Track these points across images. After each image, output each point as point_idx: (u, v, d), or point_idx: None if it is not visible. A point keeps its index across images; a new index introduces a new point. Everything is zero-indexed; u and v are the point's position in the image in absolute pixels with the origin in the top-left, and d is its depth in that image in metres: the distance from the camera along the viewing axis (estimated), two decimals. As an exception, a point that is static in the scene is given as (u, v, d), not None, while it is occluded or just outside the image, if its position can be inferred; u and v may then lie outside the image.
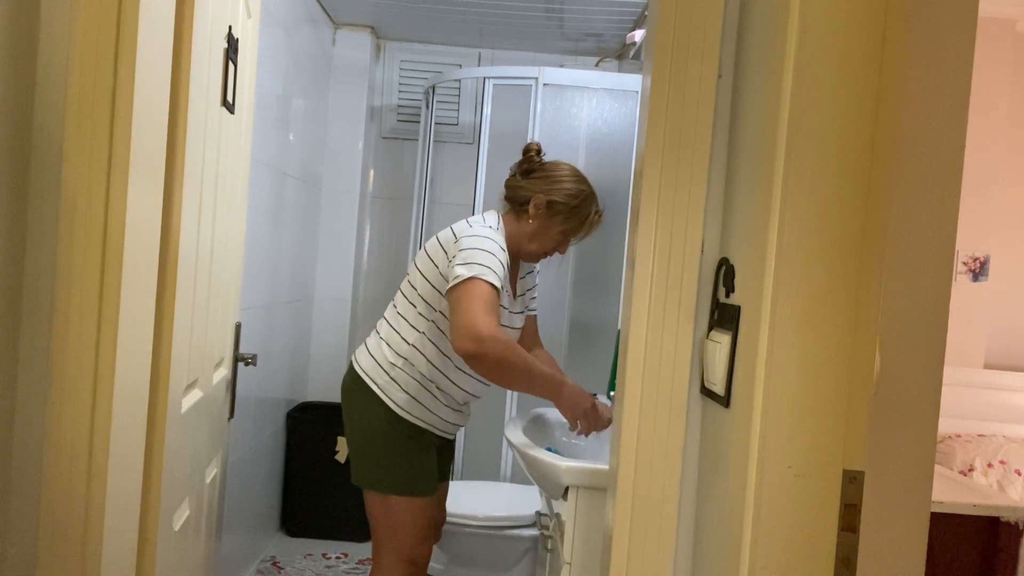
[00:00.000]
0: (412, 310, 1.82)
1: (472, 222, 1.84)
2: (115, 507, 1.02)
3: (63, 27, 0.95)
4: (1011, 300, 3.55)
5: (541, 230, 1.88)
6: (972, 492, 1.67)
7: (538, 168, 1.91)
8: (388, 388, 1.80)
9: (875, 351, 0.83)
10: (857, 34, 0.87)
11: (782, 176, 0.88)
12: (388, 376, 1.81)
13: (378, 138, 3.75)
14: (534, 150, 1.94)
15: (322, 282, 3.56)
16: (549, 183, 1.87)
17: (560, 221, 1.88)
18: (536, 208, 1.86)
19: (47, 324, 0.96)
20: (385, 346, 1.83)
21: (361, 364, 1.85)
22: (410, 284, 1.85)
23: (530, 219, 1.87)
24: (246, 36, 1.58)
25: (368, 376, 1.82)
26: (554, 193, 1.86)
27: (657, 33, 1.14)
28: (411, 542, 1.84)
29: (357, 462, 1.86)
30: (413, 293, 1.83)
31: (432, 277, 1.79)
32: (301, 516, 3.21)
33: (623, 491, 1.16)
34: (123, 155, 0.97)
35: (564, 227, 1.89)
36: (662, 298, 1.15)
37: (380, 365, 1.82)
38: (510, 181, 1.94)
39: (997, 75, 3.37)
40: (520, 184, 1.89)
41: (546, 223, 1.87)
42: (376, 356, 1.84)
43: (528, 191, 1.87)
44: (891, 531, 0.84)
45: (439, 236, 1.85)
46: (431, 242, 1.86)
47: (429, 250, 1.83)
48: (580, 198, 1.90)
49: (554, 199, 1.86)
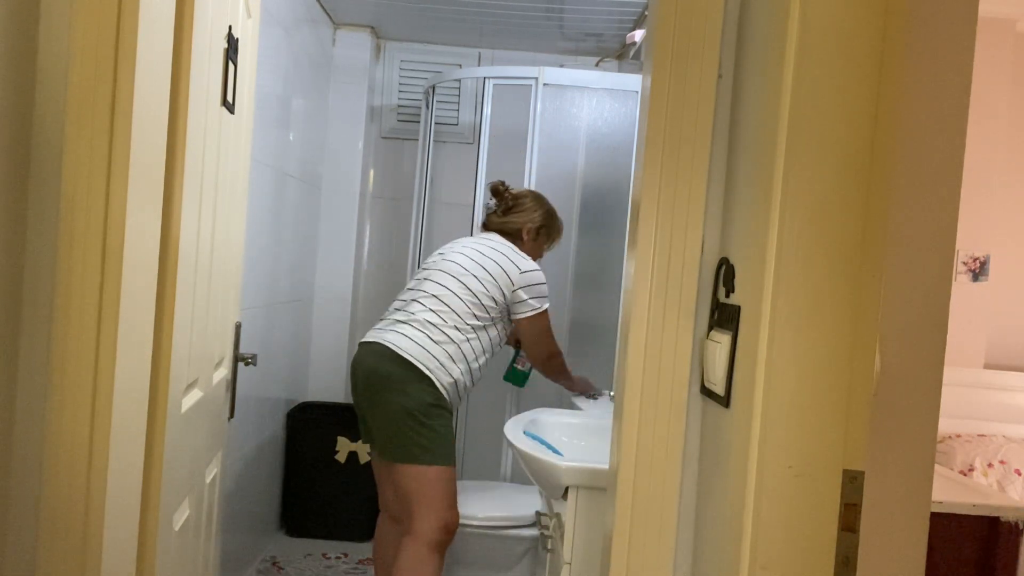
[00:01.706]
0: (466, 310, 2.19)
1: (517, 252, 2.30)
2: (115, 507, 1.02)
3: (63, 27, 0.95)
4: (1011, 300, 3.55)
5: (534, 249, 2.41)
6: (972, 492, 1.67)
7: (512, 203, 2.42)
8: (438, 372, 2.12)
9: (875, 351, 0.83)
10: (857, 34, 0.87)
11: (782, 176, 0.88)
12: (438, 361, 2.13)
13: (378, 138, 3.75)
14: (503, 189, 2.43)
15: (322, 282, 3.56)
16: (528, 212, 2.40)
17: (545, 238, 2.44)
18: (528, 234, 2.39)
19: (47, 324, 0.96)
20: (438, 334, 2.16)
21: (406, 349, 2.12)
22: (468, 289, 2.20)
23: (524, 243, 2.38)
24: (246, 36, 1.58)
25: (418, 360, 2.11)
26: (535, 220, 2.40)
27: (657, 33, 1.14)
28: (449, 509, 2.14)
29: (399, 440, 2.11)
30: (471, 297, 2.20)
31: (494, 291, 2.22)
32: (301, 516, 3.20)
33: (623, 491, 1.16)
34: (123, 155, 0.97)
35: (548, 241, 2.47)
36: (662, 298, 1.15)
37: (430, 352, 2.13)
38: (495, 219, 2.42)
39: (997, 75, 3.37)
40: (505, 219, 2.40)
41: (536, 243, 2.42)
42: (424, 344, 2.14)
43: (515, 224, 2.39)
44: (891, 531, 0.84)
45: (499, 262, 2.25)
46: (489, 262, 2.25)
47: (490, 269, 2.24)
48: (552, 216, 2.46)
49: (539, 225, 2.41)
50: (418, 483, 2.09)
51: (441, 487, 2.11)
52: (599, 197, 3.24)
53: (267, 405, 2.92)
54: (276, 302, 2.91)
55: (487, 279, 2.22)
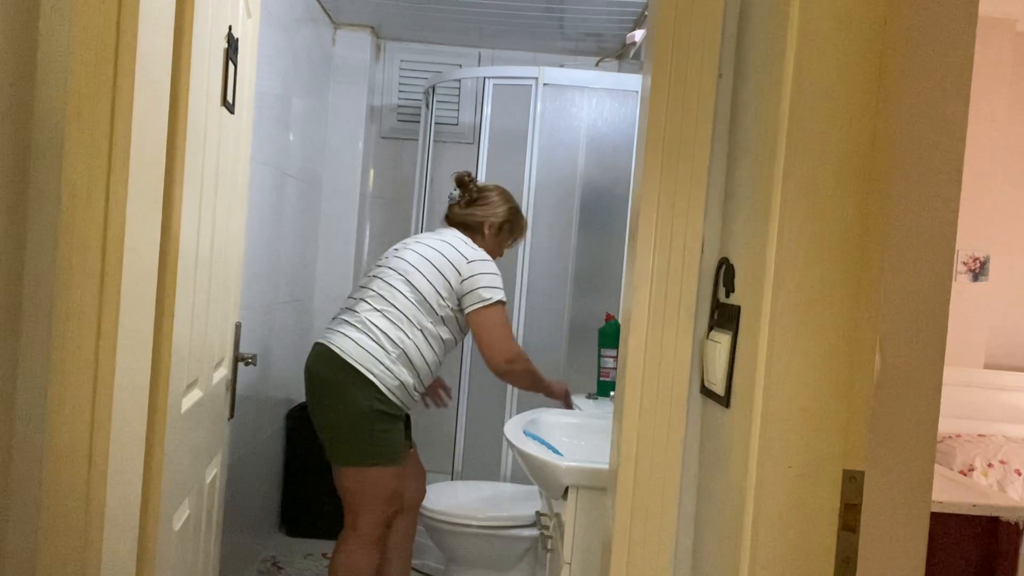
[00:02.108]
0: (414, 310, 2.13)
1: (467, 243, 2.23)
2: (115, 507, 1.02)
3: (63, 27, 0.95)
4: (1011, 300, 3.55)
5: (495, 245, 2.34)
6: (972, 492, 1.67)
7: (477, 195, 2.34)
8: (383, 376, 2.08)
9: (875, 351, 0.83)
10: (857, 34, 0.87)
11: (782, 176, 0.88)
12: (383, 365, 2.08)
13: (378, 138, 3.75)
14: (468, 180, 2.36)
15: (322, 282, 3.55)
16: (492, 206, 2.33)
17: (507, 235, 2.37)
18: (490, 229, 2.32)
19: (47, 324, 0.96)
20: (382, 337, 2.10)
21: (350, 353, 2.09)
22: (413, 287, 2.14)
23: (484, 239, 2.31)
24: (246, 36, 1.58)
25: (360, 364, 2.07)
26: (499, 215, 2.32)
27: (657, 33, 1.14)
28: (389, 507, 2.16)
29: (342, 443, 2.12)
30: (416, 295, 2.14)
31: (440, 287, 2.15)
32: (301, 516, 3.20)
33: (623, 491, 1.16)
34: (123, 155, 0.97)
35: (510, 239, 2.39)
36: (662, 298, 1.15)
37: (374, 355, 2.09)
38: (457, 210, 2.34)
39: (997, 75, 3.37)
40: (468, 212, 2.33)
41: (497, 239, 2.34)
42: (368, 348, 2.09)
43: (477, 217, 2.31)
44: (891, 531, 0.84)
45: (445, 253, 2.19)
46: (431, 254, 2.19)
47: (435, 262, 2.17)
48: (516, 213, 2.38)
49: (502, 220, 2.33)
50: (360, 484, 2.12)
51: (390, 486, 2.14)
52: (599, 197, 3.24)
53: (267, 405, 2.91)
54: (276, 302, 2.91)
55: (433, 274, 2.15)
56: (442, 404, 2.55)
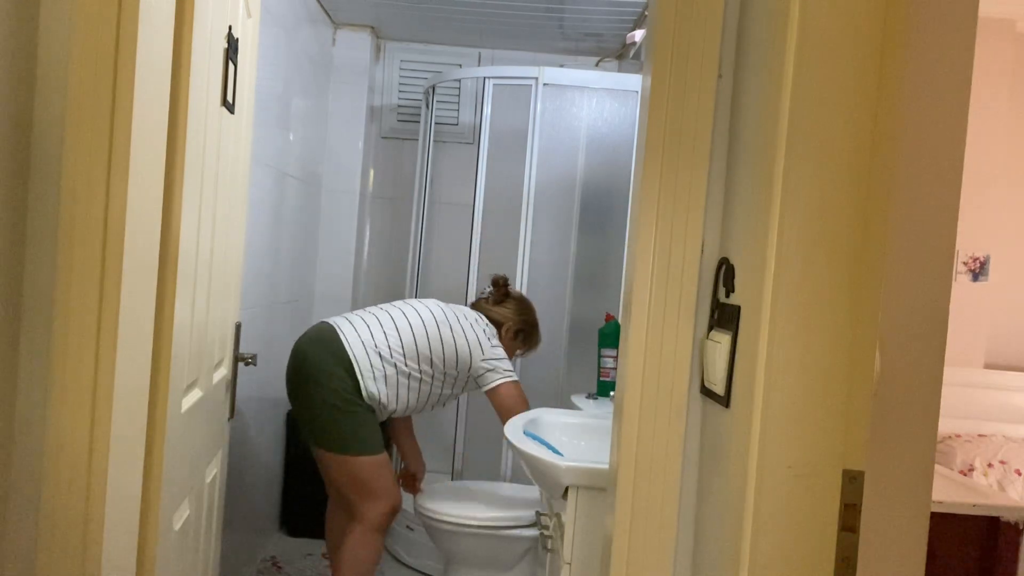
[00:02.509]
0: (416, 353, 2.28)
1: (490, 335, 2.40)
2: (115, 507, 1.02)
3: (63, 27, 0.95)
4: (1011, 300, 3.55)
5: (507, 347, 2.48)
6: (972, 492, 1.67)
7: (504, 299, 2.53)
8: (369, 382, 2.21)
9: (875, 351, 0.83)
10: (857, 34, 0.87)
11: (782, 176, 0.88)
12: (375, 374, 2.22)
13: (378, 138, 3.75)
14: (503, 283, 2.55)
15: (322, 282, 3.55)
16: (515, 313, 2.51)
17: (520, 342, 2.55)
18: (507, 332, 2.50)
19: (47, 324, 0.96)
20: (386, 353, 2.25)
21: (353, 347, 2.22)
22: (427, 338, 2.30)
23: (501, 338, 2.47)
24: (246, 36, 1.58)
25: (357, 360, 2.21)
26: (520, 324, 2.52)
27: (657, 33, 1.14)
28: (391, 492, 2.26)
29: (324, 429, 2.21)
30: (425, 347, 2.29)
31: (448, 354, 2.31)
32: (301, 516, 3.20)
33: (623, 491, 1.16)
34: (123, 155, 0.97)
35: (523, 347, 2.57)
36: (662, 298, 1.15)
37: (372, 364, 2.22)
38: (485, 305, 2.53)
39: (997, 75, 3.37)
40: (494, 309, 2.51)
41: (512, 343, 2.51)
42: (370, 352, 2.23)
43: (500, 317, 2.49)
44: (891, 531, 0.84)
45: (468, 340, 2.34)
46: (460, 336, 2.34)
47: (458, 343, 2.33)
48: (534, 327, 2.57)
49: (520, 328, 2.52)
50: (352, 474, 2.22)
51: (377, 474, 2.23)
52: (599, 197, 3.24)
53: (267, 405, 2.91)
54: (276, 302, 2.91)
55: (461, 345, 2.32)
56: (411, 490, 2.68)
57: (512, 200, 3.06)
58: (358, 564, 2.25)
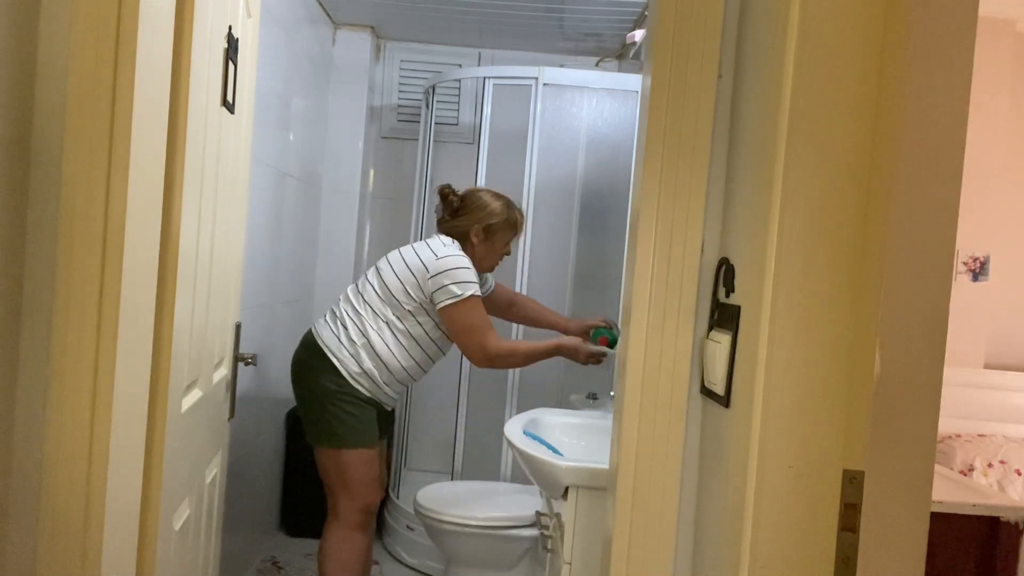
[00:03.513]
0: (379, 303, 2.19)
1: (444, 243, 2.22)
2: (115, 507, 1.01)
3: (63, 27, 0.95)
4: (1011, 300, 3.55)
5: (488, 250, 2.31)
6: (972, 492, 1.67)
7: (460, 205, 2.32)
8: (347, 361, 2.16)
9: (875, 351, 0.83)
10: (857, 34, 0.87)
11: (782, 176, 0.88)
12: (348, 351, 2.17)
13: (378, 138, 3.75)
14: (448, 192, 2.34)
15: (322, 282, 3.55)
16: (477, 212, 2.29)
17: (499, 236, 2.32)
18: (476, 236, 2.28)
19: (47, 324, 0.96)
20: (352, 327, 2.19)
21: (322, 337, 2.20)
22: (382, 281, 2.20)
23: (475, 246, 2.28)
24: (246, 36, 1.58)
25: (329, 348, 2.17)
26: (485, 219, 2.28)
27: (657, 33, 1.14)
28: (364, 490, 2.21)
29: (313, 423, 2.21)
30: (385, 291, 2.19)
31: (408, 283, 2.17)
32: (301, 516, 3.20)
33: (623, 491, 1.16)
34: (123, 155, 0.97)
35: (504, 238, 2.33)
36: (662, 298, 1.15)
37: (342, 342, 2.18)
38: (443, 224, 2.33)
39: (997, 75, 3.37)
40: (453, 223, 2.30)
41: (489, 243, 2.31)
42: (339, 335, 2.19)
43: (460, 228, 2.29)
44: (891, 531, 0.84)
45: (417, 250, 2.21)
46: (408, 253, 2.22)
47: (407, 259, 2.20)
48: (505, 212, 2.32)
49: (488, 223, 2.29)
50: (336, 467, 2.19)
51: (361, 469, 2.20)
52: (599, 197, 3.24)
53: (267, 405, 2.91)
54: (276, 302, 2.91)
55: (403, 271, 2.18)
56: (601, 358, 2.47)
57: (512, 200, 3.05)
58: (339, 564, 2.24)
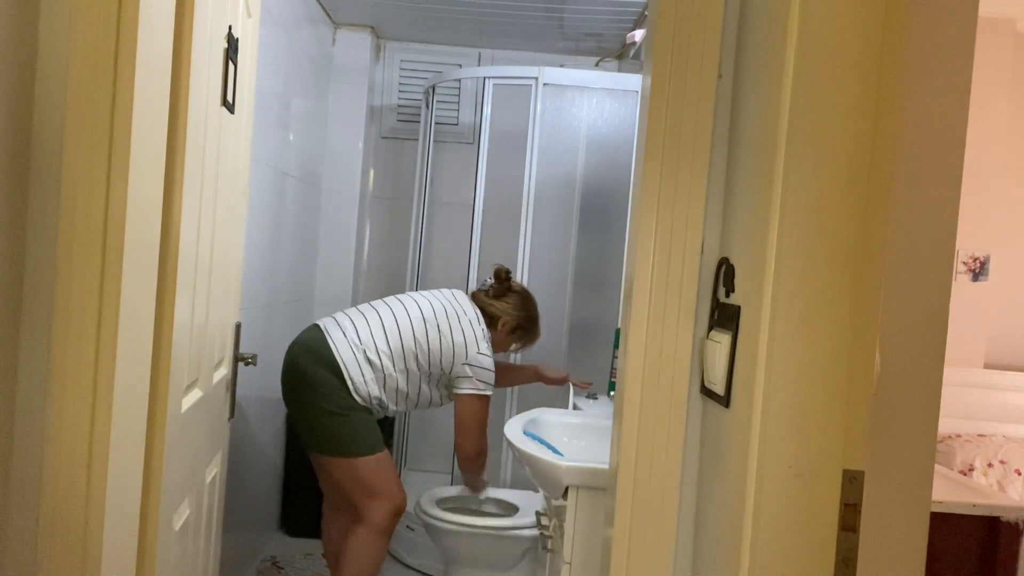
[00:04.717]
0: (402, 353, 2.25)
1: (485, 338, 2.33)
2: (115, 507, 1.02)
3: (63, 27, 0.95)
4: (1011, 300, 3.55)
5: (503, 341, 2.46)
6: (972, 492, 1.67)
7: (508, 293, 2.47)
8: (358, 381, 2.20)
9: (875, 351, 0.83)
10: (857, 34, 0.87)
11: (782, 176, 0.88)
12: (361, 374, 2.20)
13: (378, 138, 3.75)
14: (505, 275, 2.49)
15: (322, 282, 3.55)
16: (517, 310, 2.44)
17: (517, 337, 2.49)
18: (504, 326, 2.43)
19: (47, 324, 0.96)
20: (373, 355, 2.23)
21: (340, 351, 2.21)
22: (413, 339, 2.26)
23: (497, 332, 2.42)
24: (246, 36, 1.58)
25: (346, 367, 2.19)
26: (521, 320, 2.45)
27: (657, 33, 1.14)
28: (394, 491, 2.23)
29: (319, 434, 2.21)
30: (411, 346, 2.26)
31: (434, 355, 2.27)
32: (301, 516, 3.20)
33: (623, 491, 1.16)
34: (123, 155, 0.97)
35: (519, 342, 2.51)
36: (662, 298, 1.15)
37: (360, 364, 2.21)
38: (483, 298, 2.46)
39: (997, 75, 3.37)
40: (491, 302, 2.45)
41: (508, 337, 2.47)
42: (358, 355, 2.22)
43: (498, 312, 2.43)
44: (891, 531, 0.84)
45: (465, 334, 2.30)
46: (446, 333, 2.29)
47: (455, 335, 2.29)
48: (535, 327, 2.51)
49: (520, 325, 2.46)
50: (351, 475, 2.20)
51: (388, 471, 2.23)
52: (599, 197, 3.24)
53: (267, 405, 2.91)
54: (276, 302, 2.91)
55: (446, 344, 2.28)
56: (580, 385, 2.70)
57: (512, 200, 3.06)
58: (362, 567, 2.22)
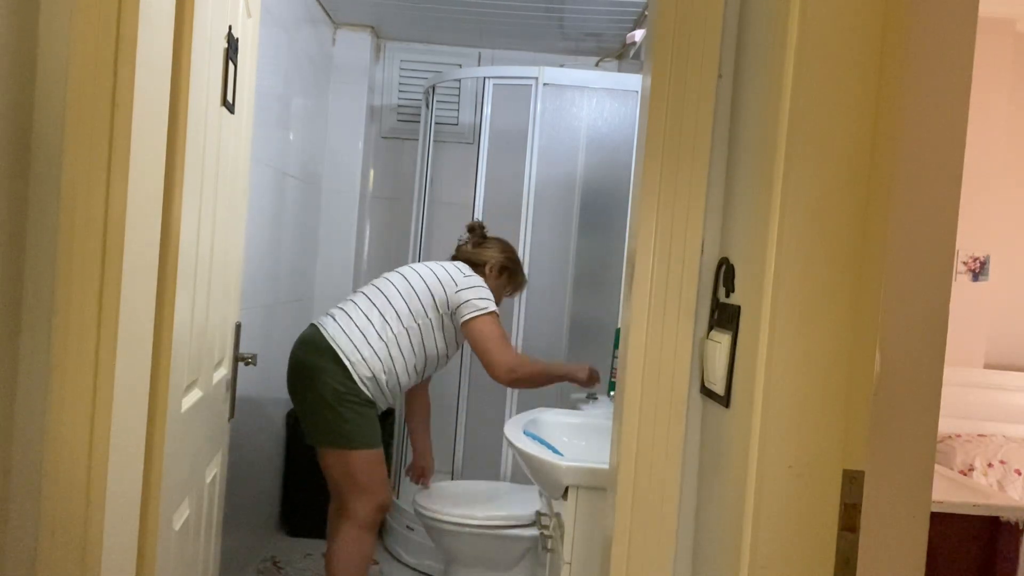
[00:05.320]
0: (395, 314, 2.27)
1: (466, 268, 2.39)
2: (115, 507, 1.02)
3: (63, 27, 0.95)
4: (1011, 300, 3.55)
5: (494, 288, 2.43)
6: (972, 492, 1.67)
7: (485, 239, 2.52)
8: (359, 365, 2.20)
9: (875, 351, 0.83)
10: (857, 34, 0.87)
11: (782, 176, 0.88)
12: (361, 355, 2.21)
13: (378, 138, 3.75)
14: (478, 226, 2.54)
15: (322, 282, 3.55)
16: (497, 252, 2.48)
17: (506, 281, 2.50)
18: (491, 271, 2.45)
19: (47, 324, 0.96)
20: (371, 331, 2.24)
21: (334, 337, 2.22)
22: (398, 293, 2.30)
23: (486, 277, 2.42)
24: (246, 36, 1.58)
25: (341, 350, 2.20)
26: (502, 261, 2.48)
27: (657, 33, 1.14)
28: (379, 488, 2.25)
29: (319, 425, 2.22)
30: (400, 302, 2.29)
31: (424, 298, 2.29)
32: (301, 516, 3.20)
33: (623, 491, 1.16)
34: (123, 155, 0.97)
35: (508, 286, 2.53)
36: (662, 298, 1.15)
37: (356, 345, 2.21)
38: (465, 249, 2.51)
39: (997, 75, 3.37)
40: (473, 251, 2.49)
41: (497, 282, 2.47)
42: (353, 337, 2.23)
43: (482, 257, 2.47)
44: (891, 531, 0.84)
45: (444, 266, 2.37)
46: (435, 268, 2.36)
47: (436, 272, 2.34)
48: (518, 268, 2.54)
49: (504, 265, 2.48)
50: (342, 468, 2.22)
51: (376, 468, 2.24)
52: (599, 197, 3.24)
53: (267, 405, 2.91)
54: (276, 302, 2.91)
55: (431, 279, 2.32)
56: (417, 481, 2.71)
57: (512, 200, 3.06)
58: (349, 563, 2.25)
